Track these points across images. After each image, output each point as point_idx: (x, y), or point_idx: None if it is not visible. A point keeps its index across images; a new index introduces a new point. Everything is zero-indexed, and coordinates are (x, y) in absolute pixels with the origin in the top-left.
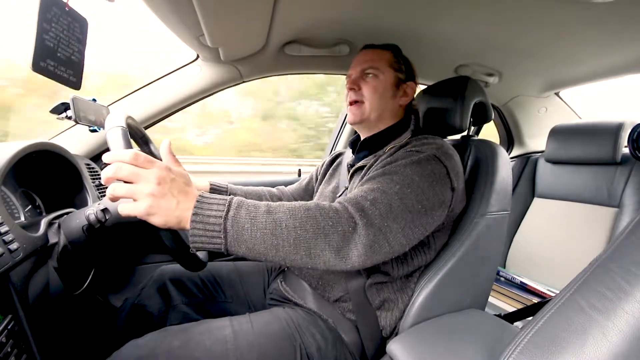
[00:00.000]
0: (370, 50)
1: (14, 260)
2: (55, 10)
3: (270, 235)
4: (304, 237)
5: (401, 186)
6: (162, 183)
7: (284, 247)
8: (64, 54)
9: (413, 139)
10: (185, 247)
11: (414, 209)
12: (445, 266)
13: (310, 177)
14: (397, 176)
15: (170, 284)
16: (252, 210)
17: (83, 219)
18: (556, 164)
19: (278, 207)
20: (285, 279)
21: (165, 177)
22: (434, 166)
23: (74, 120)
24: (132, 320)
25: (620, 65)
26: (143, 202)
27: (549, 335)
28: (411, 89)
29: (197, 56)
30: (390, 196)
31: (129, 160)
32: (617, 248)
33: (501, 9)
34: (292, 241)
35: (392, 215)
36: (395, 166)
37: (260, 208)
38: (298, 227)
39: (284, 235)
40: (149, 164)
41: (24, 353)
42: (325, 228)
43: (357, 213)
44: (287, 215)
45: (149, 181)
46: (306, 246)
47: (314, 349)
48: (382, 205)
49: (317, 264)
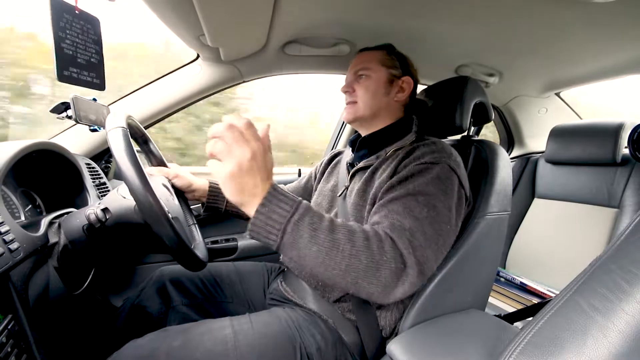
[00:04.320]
0: (364, 52)
1: (14, 260)
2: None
3: (325, 254)
4: (356, 266)
5: (428, 209)
6: (254, 160)
7: (333, 270)
8: (83, 58)
9: (420, 144)
10: (185, 246)
11: (443, 231)
12: (445, 266)
13: (309, 175)
14: (422, 197)
15: (169, 284)
16: (315, 221)
17: (83, 218)
18: (556, 165)
19: (340, 227)
20: (285, 279)
21: (259, 157)
22: (452, 179)
23: (75, 119)
24: (131, 321)
25: (620, 65)
26: (230, 165)
27: (549, 335)
28: (407, 84)
29: (198, 56)
30: (422, 222)
31: (241, 126)
32: (618, 248)
33: (501, 9)
34: (344, 267)
35: (427, 244)
36: (417, 185)
37: (324, 222)
38: (354, 256)
39: (337, 259)
40: (255, 139)
41: (24, 353)
42: (379, 263)
43: (406, 250)
44: (346, 238)
45: (245, 151)
46: (355, 275)
47: (314, 349)
48: (419, 233)
49: (359, 293)
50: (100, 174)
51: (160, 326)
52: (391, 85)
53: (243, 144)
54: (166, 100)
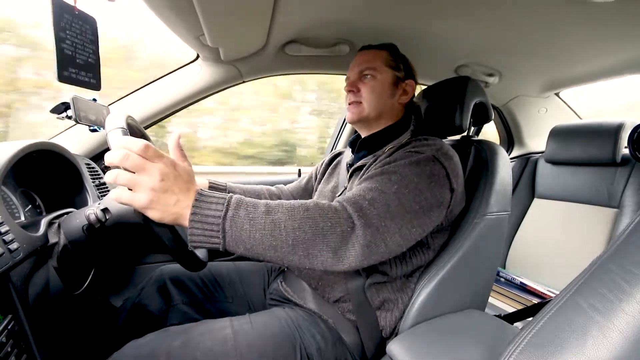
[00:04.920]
0: (367, 51)
1: (14, 260)
2: (67, 16)
3: (269, 237)
4: (302, 238)
5: (399, 186)
6: (165, 179)
7: (282, 248)
8: (81, 58)
9: (413, 140)
10: (185, 246)
11: (412, 209)
12: (445, 266)
13: (309, 176)
14: (395, 176)
15: (170, 283)
16: (251, 210)
17: (83, 218)
18: (556, 165)
19: (277, 207)
20: (285, 280)
21: (169, 174)
22: (433, 167)
23: (74, 120)
24: (132, 320)
25: (620, 65)
26: (143, 195)
27: (549, 335)
28: (411, 87)
29: (198, 56)
30: (388, 196)
31: (137, 150)
32: (617, 249)
33: (501, 9)
34: (291, 242)
35: (389, 215)
36: (394, 166)
37: (259, 208)
38: (297, 229)
39: (282, 237)
40: (157, 158)
41: (24, 353)
42: (324, 229)
43: (355, 213)
44: (286, 215)
45: (152, 175)
46: (304, 247)
47: (314, 349)
48: (380, 205)
49: (314, 264)
50: (100, 174)
51: (161, 325)
52: (396, 87)
53: (148, 169)
54: (166, 100)
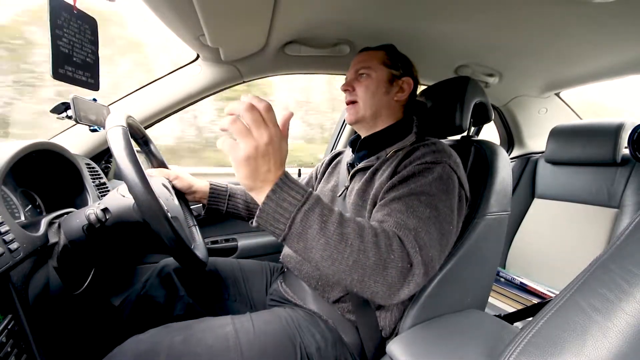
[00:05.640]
0: (364, 52)
1: (14, 260)
2: (64, 15)
3: (333, 248)
4: (363, 263)
5: (431, 209)
6: (272, 144)
7: (340, 265)
8: (79, 57)
9: (420, 144)
10: (185, 246)
11: (446, 231)
12: (445, 266)
13: (310, 176)
14: (424, 197)
15: (174, 275)
16: (326, 213)
17: (83, 218)
18: (556, 165)
19: (349, 222)
20: (285, 280)
21: (275, 143)
22: (453, 179)
23: (74, 119)
24: (138, 311)
25: (620, 65)
26: (245, 147)
27: (549, 335)
28: (407, 85)
29: (198, 56)
30: (426, 222)
31: (261, 108)
32: (617, 248)
33: (501, 9)
34: (351, 263)
35: (431, 243)
36: (421, 185)
37: (334, 214)
38: (362, 252)
39: (345, 254)
40: (273, 124)
41: (24, 353)
42: (387, 261)
43: (412, 249)
44: (355, 233)
45: (262, 136)
46: (362, 273)
47: (314, 349)
48: (423, 233)
49: (363, 292)
50: (100, 174)
51: (168, 315)
52: (391, 84)
53: (262, 126)
54: (166, 100)
